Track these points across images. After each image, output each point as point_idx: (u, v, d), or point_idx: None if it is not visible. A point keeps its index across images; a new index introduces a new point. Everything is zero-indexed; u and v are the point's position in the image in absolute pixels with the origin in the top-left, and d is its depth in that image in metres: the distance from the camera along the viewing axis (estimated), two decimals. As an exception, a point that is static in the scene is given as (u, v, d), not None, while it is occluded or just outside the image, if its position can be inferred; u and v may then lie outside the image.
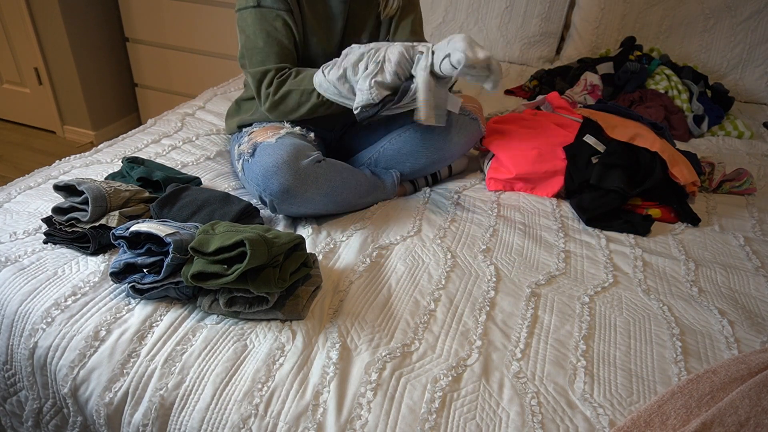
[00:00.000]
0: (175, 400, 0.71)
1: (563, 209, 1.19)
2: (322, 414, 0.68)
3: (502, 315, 0.86)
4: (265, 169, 0.99)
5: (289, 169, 0.98)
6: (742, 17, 1.77)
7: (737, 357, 0.74)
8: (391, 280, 0.92)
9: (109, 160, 1.24)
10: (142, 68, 2.61)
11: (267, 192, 1.00)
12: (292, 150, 1.00)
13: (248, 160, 1.04)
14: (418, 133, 1.19)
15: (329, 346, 0.77)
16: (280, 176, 0.98)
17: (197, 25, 2.35)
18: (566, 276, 0.97)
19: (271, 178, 0.98)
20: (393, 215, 1.12)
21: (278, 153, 1.00)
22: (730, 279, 0.99)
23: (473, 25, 2.09)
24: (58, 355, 0.78)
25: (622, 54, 1.78)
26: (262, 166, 1.00)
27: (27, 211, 1.02)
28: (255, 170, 1.01)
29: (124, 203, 0.96)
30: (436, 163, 1.22)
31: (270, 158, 0.99)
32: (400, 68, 0.94)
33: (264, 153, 1.01)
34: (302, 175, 0.99)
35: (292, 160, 0.99)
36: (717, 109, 1.66)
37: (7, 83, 2.67)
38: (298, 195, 1.00)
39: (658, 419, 0.67)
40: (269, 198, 1.00)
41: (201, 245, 0.78)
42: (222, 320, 0.80)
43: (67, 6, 2.32)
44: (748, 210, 1.23)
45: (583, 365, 0.77)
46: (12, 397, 0.87)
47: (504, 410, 0.70)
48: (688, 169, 1.21)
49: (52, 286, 0.84)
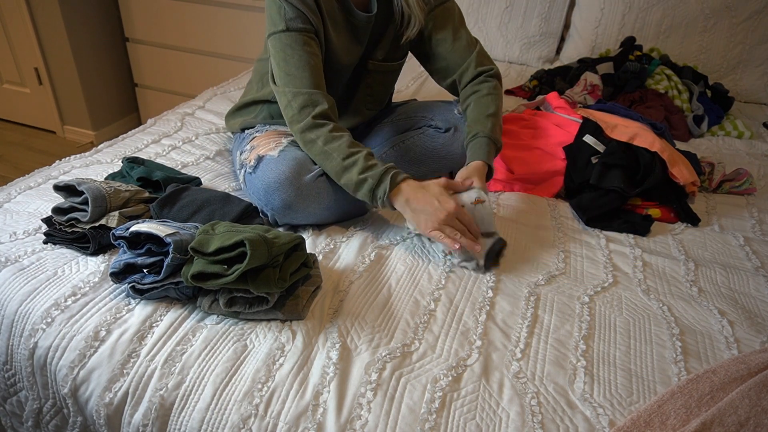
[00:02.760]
0: (175, 401, 0.71)
1: (563, 209, 1.19)
2: (322, 414, 0.68)
3: (502, 315, 0.86)
4: (267, 185, 0.99)
5: (291, 185, 0.98)
6: (742, 17, 1.77)
7: (737, 357, 0.74)
8: (391, 280, 0.92)
9: (109, 160, 1.24)
10: (142, 68, 2.61)
11: (269, 207, 1.00)
12: (294, 166, 0.99)
13: (251, 173, 1.04)
14: (421, 141, 1.18)
15: (329, 346, 0.77)
16: (282, 192, 0.98)
17: (197, 25, 2.35)
18: (566, 276, 0.97)
19: (273, 194, 0.98)
20: (393, 215, 1.12)
21: (280, 169, 0.99)
22: (730, 279, 0.99)
23: (473, 25, 2.09)
24: (58, 355, 0.78)
25: (622, 54, 1.78)
26: (264, 181, 0.99)
27: (27, 211, 1.02)
28: (257, 185, 1.01)
29: (124, 203, 0.96)
30: (438, 171, 1.22)
31: (272, 174, 0.99)
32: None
33: (266, 168, 1.01)
34: (304, 192, 0.99)
35: (294, 177, 0.98)
36: (717, 109, 1.66)
37: (7, 83, 2.68)
38: (299, 210, 1.00)
39: (658, 419, 0.67)
40: (271, 212, 1.01)
41: (201, 245, 0.78)
42: (222, 320, 0.80)
43: (67, 6, 2.32)
44: (748, 210, 1.23)
45: (583, 365, 0.77)
46: (12, 398, 0.87)
47: (504, 410, 0.70)
48: (688, 168, 1.21)
49: (52, 287, 0.84)
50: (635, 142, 1.21)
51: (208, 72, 2.47)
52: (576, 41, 1.99)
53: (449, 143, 1.17)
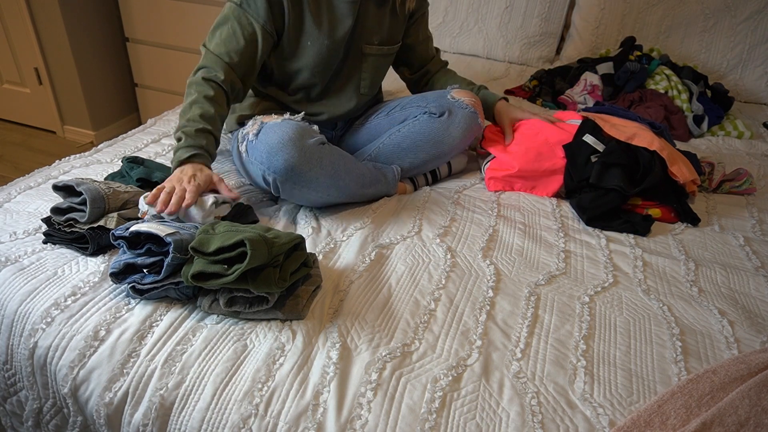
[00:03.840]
0: (175, 400, 0.71)
1: (563, 209, 1.19)
2: (322, 414, 0.68)
3: (502, 315, 0.86)
4: (270, 146, 0.99)
5: (294, 145, 0.98)
6: (742, 17, 1.77)
7: (737, 357, 0.74)
8: (392, 279, 0.92)
9: (109, 160, 1.24)
10: (142, 68, 2.61)
11: (271, 170, 0.99)
12: (297, 128, 1.00)
13: (252, 141, 1.04)
14: (417, 128, 1.19)
15: (329, 346, 0.77)
16: (285, 152, 0.97)
17: (197, 25, 2.35)
18: (566, 276, 0.97)
19: (276, 155, 0.98)
20: (393, 214, 1.12)
21: (284, 130, 1.00)
22: (730, 279, 0.99)
23: (473, 25, 2.09)
24: (58, 355, 0.78)
25: (622, 54, 1.78)
26: (267, 143, 1.00)
27: (27, 211, 1.02)
28: (259, 148, 1.01)
29: (123, 204, 0.96)
30: (436, 158, 1.22)
31: (275, 135, 0.99)
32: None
33: (269, 131, 1.01)
34: (307, 154, 0.99)
35: (298, 138, 0.99)
36: (717, 109, 1.66)
37: (7, 83, 2.67)
38: (302, 174, 0.99)
39: (658, 419, 0.67)
40: (273, 176, 1.00)
41: (201, 245, 0.78)
42: (222, 320, 0.80)
43: (67, 6, 2.32)
44: (748, 210, 1.23)
45: (583, 365, 0.77)
46: (12, 397, 0.87)
47: (504, 410, 0.70)
48: (688, 167, 1.21)
49: (51, 286, 0.84)
50: (634, 141, 1.21)
51: (208, 72, 2.47)
52: (576, 41, 2.00)
53: (444, 127, 1.18)
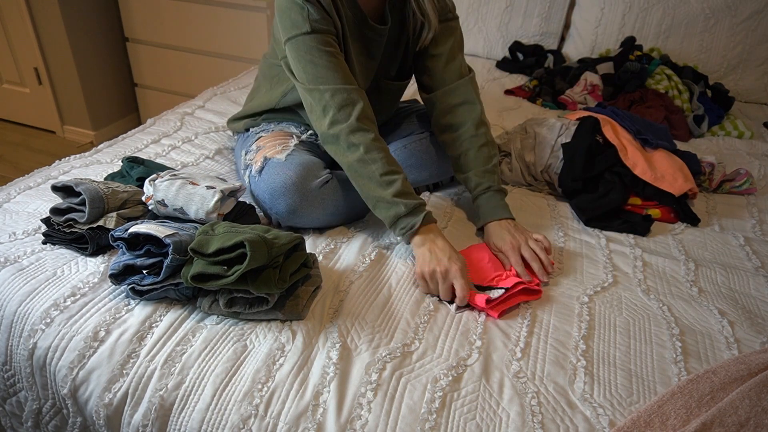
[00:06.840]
0: (174, 401, 0.71)
1: (563, 209, 1.19)
2: (322, 414, 0.68)
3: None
4: (273, 189, 0.98)
5: (297, 191, 0.97)
6: (742, 17, 1.77)
7: (737, 357, 0.74)
8: (392, 280, 0.92)
9: (109, 160, 1.23)
10: (141, 68, 2.61)
11: (273, 211, 1.00)
12: (301, 171, 0.99)
13: (255, 177, 1.03)
14: (424, 146, 1.18)
15: (329, 346, 0.77)
16: (287, 198, 0.97)
17: (197, 25, 2.35)
18: (566, 276, 0.97)
19: (278, 199, 0.98)
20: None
21: (287, 173, 0.98)
22: (730, 279, 0.99)
23: (473, 25, 2.09)
24: (57, 355, 0.78)
25: (622, 54, 1.78)
26: (270, 185, 0.99)
27: (26, 211, 1.02)
28: (262, 188, 1.00)
29: (122, 204, 0.96)
30: (438, 176, 1.22)
31: (278, 178, 0.98)
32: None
33: (273, 172, 1.00)
34: (309, 198, 0.98)
35: (300, 182, 0.98)
36: (717, 109, 1.66)
37: (7, 83, 2.67)
38: (304, 215, 0.99)
39: (658, 419, 0.67)
40: (275, 216, 1.01)
41: (201, 246, 0.77)
42: (222, 321, 0.80)
43: (67, 6, 2.32)
44: (748, 210, 1.23)
45: (583, 365, 0.77)
46: (12, 398, 0.87)
47: (504, 410, 0.70)
48: (686, 176, 1.19)
49: (51, 287, 0.84)
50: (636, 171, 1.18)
51: (208, 72, 2.47)
52: (576, 41, 2.00)
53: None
